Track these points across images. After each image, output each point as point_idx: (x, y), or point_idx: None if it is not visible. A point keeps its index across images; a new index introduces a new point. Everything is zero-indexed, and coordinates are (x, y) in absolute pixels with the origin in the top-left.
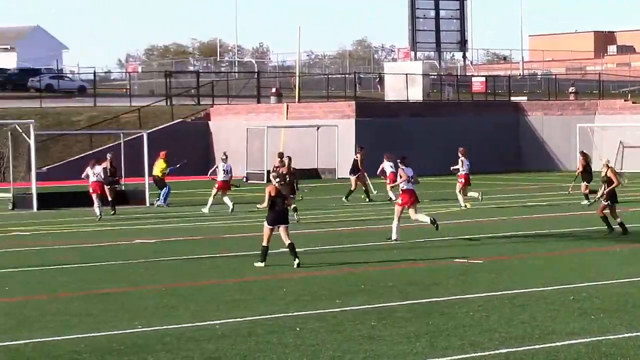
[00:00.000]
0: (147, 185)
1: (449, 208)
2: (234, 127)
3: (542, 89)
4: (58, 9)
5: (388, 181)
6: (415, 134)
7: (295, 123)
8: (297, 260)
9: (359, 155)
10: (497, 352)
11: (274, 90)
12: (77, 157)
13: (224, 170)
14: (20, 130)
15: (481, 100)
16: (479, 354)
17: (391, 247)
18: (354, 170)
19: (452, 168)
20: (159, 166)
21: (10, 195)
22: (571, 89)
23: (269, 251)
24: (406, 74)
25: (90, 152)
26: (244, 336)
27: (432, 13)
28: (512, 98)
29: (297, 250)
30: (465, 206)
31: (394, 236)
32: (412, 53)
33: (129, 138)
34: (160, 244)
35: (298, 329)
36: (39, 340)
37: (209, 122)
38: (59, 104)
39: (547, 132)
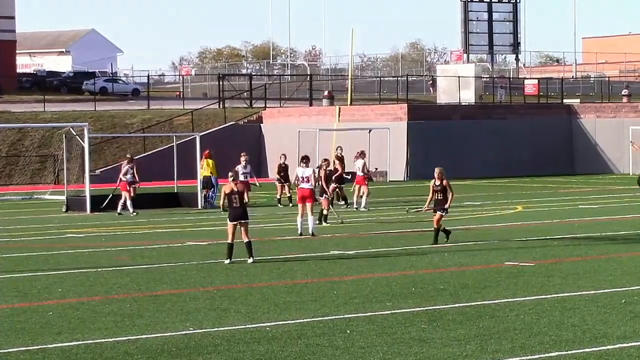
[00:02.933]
0: (199, 188)
1: (501, 210)
2: (286, 129)
3: (595, 92)
4: (113, 13)
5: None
6: (467, 137)
7: (347, 126)
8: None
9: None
10: (547, 355)
11: (326, 92)
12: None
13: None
14: (75, 133)
15: (534, 102)
16: (529, 357)
17: (442, 250)
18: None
19: None
20: (207, 166)
21: (64, 197)
22: (624, 92)
23: (323, 253)
24: (458, 77)
25: (144, 154)
26: (294, 338)
27: (485, 15)
28: (565, 100)
29: (349, 252)
30: None
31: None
32: (465, 55)
33: (182, 141)
34: (212, 245)
35: (348, 331)
36: (92, 341)
37: (261, 124)
38: (113, 107)
39: (599, 134)
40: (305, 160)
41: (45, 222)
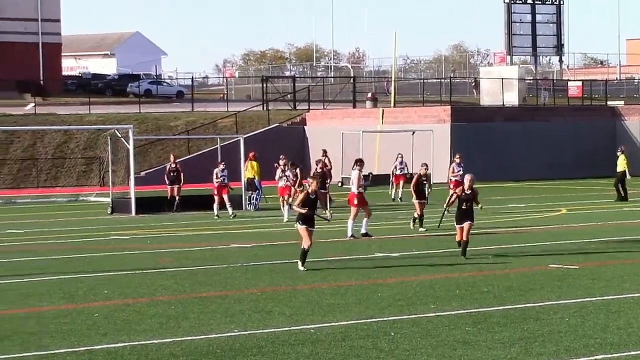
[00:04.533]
0: (243, 190)
1: (545, 213)
2: (330, 131)
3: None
4: (157, 16)
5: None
6: (511, 139)
7: (391, 128)
8: None
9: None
10: (592, 358)
11: (369, 94)
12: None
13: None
14: (120, 135)
15: (577, 104)
16: None
17: (485, 253)
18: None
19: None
20: (251, 168)
21: (109, 199)
22: None
23: (367, 255)
24: (502, 79)
25: (188, 156)
26: (338, 340)
27: (529, 17)
28: (609, 103)
29: (393, 255)
30: None
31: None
32: (508, 57)
33: (226, 143)
34: (257, 248)
35: (392, 333)
36: (137, 343)
37: (304, 126)
38: (158, 109)
39: None
40: (360, 163)
41: (91, 224)
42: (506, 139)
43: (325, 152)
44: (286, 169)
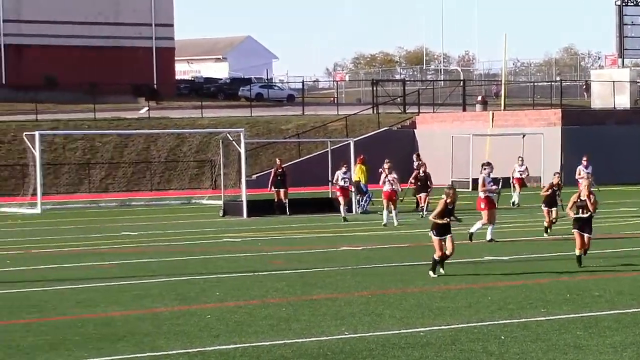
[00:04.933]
0: (354, 193)
1: None
2: (440, 135)
3: None
4: (269, 20)
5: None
6: (622, 142)
7: (500, 131)
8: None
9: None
10: None
11: (479, 98)
12: (286, 164)
13: (342, 178)
14: (231, 139)
15: None
16: None
17: (596, 257)
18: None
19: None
20: (359, 171)
21: (221, 202)
22: None
23: (477, 259)
24: (613, 81)
25: (298, 159)
26: (448, 344)
27: None
28: None
29: (503, 258)
30: None
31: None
32: (620, 60)
33: (336, 146)
34: (367, 250)
35: (502, 337)
36: (249, 344)
37: (414, 130)
38: (269, 113)
39: None
40: (486, 166)
41: (203, 227)
42: (617, 142)
43: (418, 155)
44: (391, 172)
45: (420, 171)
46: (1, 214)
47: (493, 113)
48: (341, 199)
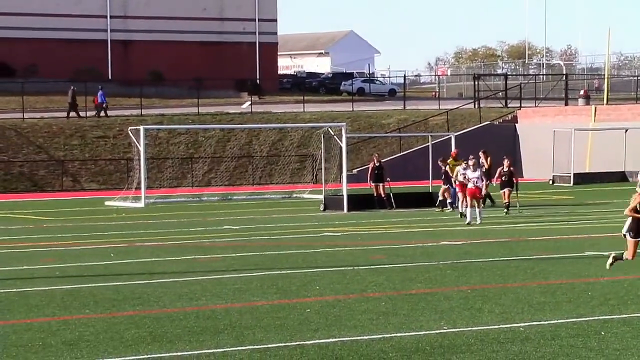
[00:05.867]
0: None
1: None
2: (541, 129)
3: None
4: (371, 15)
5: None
6: None
7: (603, 125)
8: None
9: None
10: None
11: (581, 92)
12: (386, 159)
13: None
14: (333, 133)
15: None
16: None
17: None
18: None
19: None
20: (452, 165)
21: (321, 196)
22: None
23: (578, 254)
24: None
25: (399, 154)
26: (548, 339)
27: None
28: None
29: (604, 253)
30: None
31: None
32: None
33: (437, 140)
34: (467, 245)
35: (603, 333)
36: (348, 338)
37: (516, 124)
38: (370, 107)
39: None
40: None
41: (303, 221)
42: None
43: (485, 152)
44: (476, 170)
45: (504, 167)
46: (106, 208)
47: (595, 107)
48: (460, 195)
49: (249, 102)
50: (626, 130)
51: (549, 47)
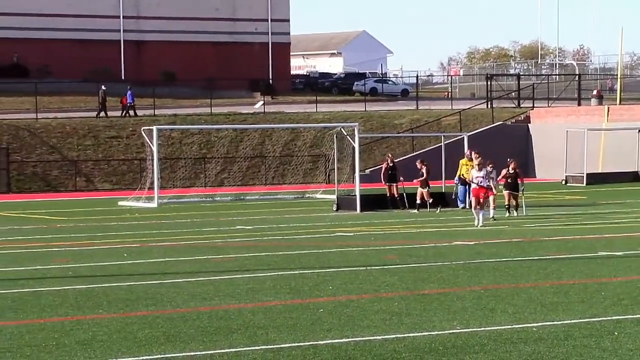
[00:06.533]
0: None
1: None
2: (554, 129)
3: None
4: (384, 15)
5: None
6: None
7: (616, 126)
8: None
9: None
10: None
11: (594, 92)
12: (399, 159)
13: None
14: (345, 133)
15: None
16: None
17: None
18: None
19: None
20: (462, 165)
21: (334, 196)
22: None
23: (591, 254)
24: None
25: (412, 154)
26: (561, 339)
27: None
28: None
29: (617, 253)
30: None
31: None
32: None
33: (450, 141)
34: (480, 245)
35: (616, 333)
36: (361, 338)
37: (528, 124)
38: (383, 107)
39: None
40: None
41: (316, 221)
42: None
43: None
44: (481, 169)
45: (510, 169)
46: (119, 208)
47: (608, 107)
48: (491, 199)
49: (262, 102)
50: (639, 130)
51: (561, 47)
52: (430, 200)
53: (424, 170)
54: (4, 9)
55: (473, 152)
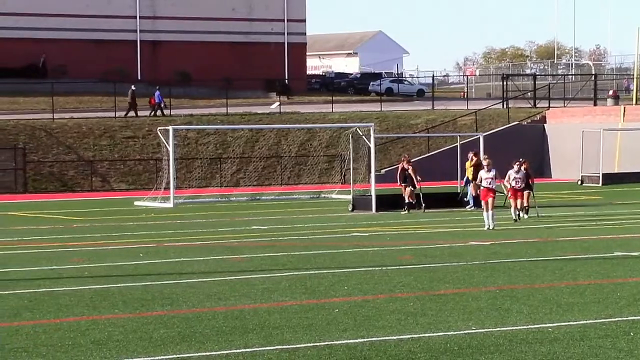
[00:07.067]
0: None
1: None
2: (570, 129)
3: None
4: (400, 15)
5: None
6: None
7: (632, 125)
8: None
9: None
10: None
11: (610, 92)
12: (415, 159)
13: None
14: (361, 133)
15: None
16: None
17: None
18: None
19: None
20: (468, 166)
21: (350, 196)
22: None
23: (606, 254)
24: None
25: (428, 154)
26: (576, 340)
27: None
28: None
29: (633, 254)
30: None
31: None
32: None
33: (465, 141)
34: (495, 245)
35: (632, 333)
36: (376, 339)
37: (544, 124)
38: (398, 108)
39: None
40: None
41: (332, 221)
42: None
43: (476, 153)
44: (490, 170)
45: (522, 169)
46: (135, 208)
47: (624, 107)
48: (512, 201)
49: (278, 103)
50: None
51: (577, 47)
52: (414, 201)
53: (410, 170)
54: (21, 9)
55: (471, 153)
